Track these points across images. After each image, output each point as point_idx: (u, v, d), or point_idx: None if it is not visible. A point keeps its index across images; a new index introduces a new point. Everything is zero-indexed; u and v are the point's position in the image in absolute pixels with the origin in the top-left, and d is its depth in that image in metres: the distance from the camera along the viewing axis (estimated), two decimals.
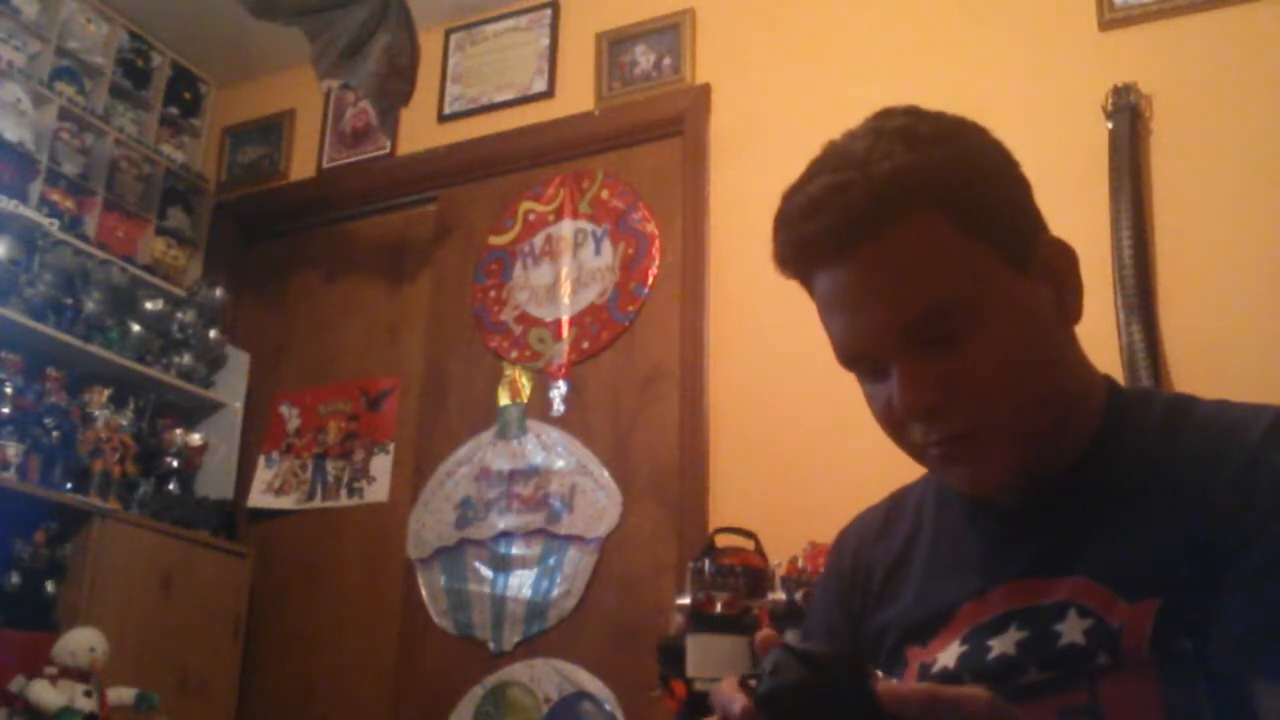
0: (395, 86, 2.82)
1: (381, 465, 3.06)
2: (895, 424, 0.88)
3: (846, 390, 2.64)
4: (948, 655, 0.85)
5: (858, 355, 0.89)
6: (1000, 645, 0.82)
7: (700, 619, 1.97)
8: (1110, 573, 0.78)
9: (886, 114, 0.87)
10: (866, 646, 0.94)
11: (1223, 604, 0.73)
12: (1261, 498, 0.75)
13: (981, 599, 0.85)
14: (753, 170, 2.75)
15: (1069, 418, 0.86)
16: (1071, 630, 0.78)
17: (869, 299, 0.83)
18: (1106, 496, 0.83)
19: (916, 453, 0.90)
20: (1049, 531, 0.85)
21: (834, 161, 0.85)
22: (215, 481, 3.15)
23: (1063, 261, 0.85)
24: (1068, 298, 0.85)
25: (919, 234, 0.80)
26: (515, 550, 2.76)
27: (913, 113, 0.86)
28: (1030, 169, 2.47)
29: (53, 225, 2.90)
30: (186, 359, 3.18)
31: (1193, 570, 0.75)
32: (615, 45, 3.05)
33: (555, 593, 2.68)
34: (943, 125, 0.85)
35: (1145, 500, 0.81)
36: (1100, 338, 2.21)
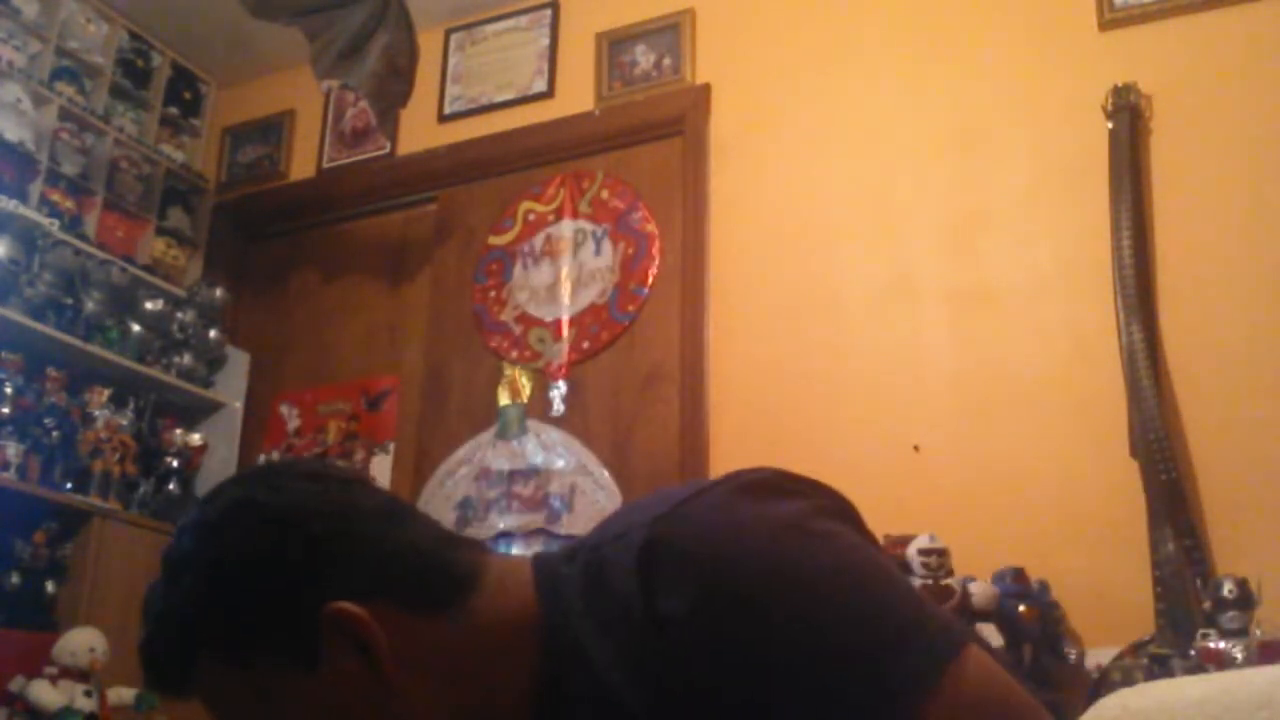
0: (394, 87, 2.82)
1: (381, 465, 3.06)
2: None
3: (846, 391, 2.66)
4: None
5: None
6: None
7: None
8: None
9: (177, 528, 0.83)
10: None
11: None
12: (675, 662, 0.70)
13: None
14: (753, 170, 2.75)
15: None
16: None
17: None
18: None
19: None
20: None
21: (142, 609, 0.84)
22: (215, 481, 3.13)
23: (349, 625, 0.75)
24: (380, 651, 0.75)
25: (207, 681, 0.78)
26: (515, 550, 2.76)
27: (179, 530, 0.82)
28: (1030, 169, 2.47)
29: (53, 225, 2.90)
30: (186, 359, 3.18)
31: None
32: (615, 45, 3.05)
33: None
34: (185, 548, 0.81)
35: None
36: (1100, 338, 2.21)
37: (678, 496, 0.75)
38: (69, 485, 2.72)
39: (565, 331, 2.89)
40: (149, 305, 3.12)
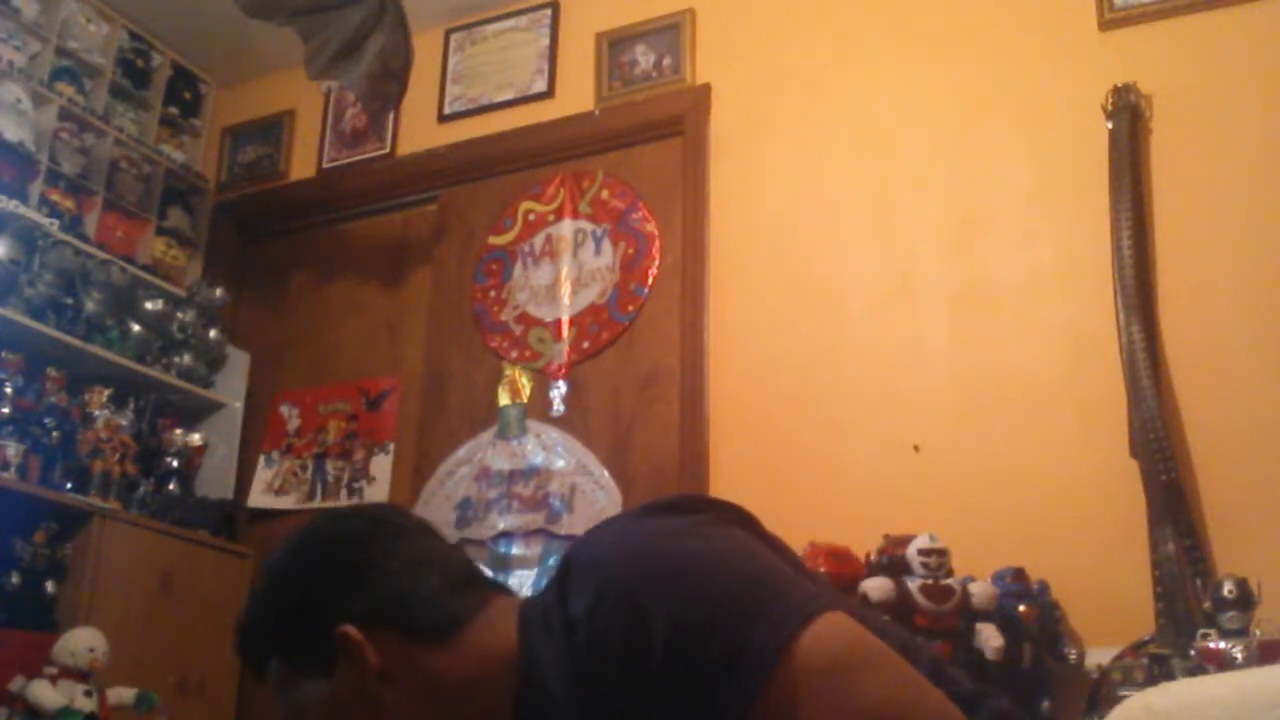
0: (386, 88, 2.82)
1: (381, 465, 3.06)
2: None
3: (845, 391, 2.66)
4: None
5: None
6: None
7: None
8: None
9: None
10: None
11: None
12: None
13: None
14: (753, 170, 2.75)
15: None
16: None
17: None
18: None
19: None
20: None
21: None
22: (215, 481, 3.15)
23: (349, 644, 0.90)
24: (365, 669, 0.90)
25: (270, 673, 0.96)
26: (515, 550, 2.76)
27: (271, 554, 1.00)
28: (1030, 169, 2.47)
29: (53, 225, 2.90)
30: (186, 359, 3.18)
31: None
32: (615, 45, 3.05)
33: None
34: (267, 561, 1.00)
35: None
36: (1100, 338, 2.21)
37: (600, 522, 0.91)
38: (69, 485, 2.72)
39: (565, 331, 2.89)
40: (149, 305, 3.12)
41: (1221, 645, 1.77)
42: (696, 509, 0.87)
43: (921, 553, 2.01)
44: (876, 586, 1.98)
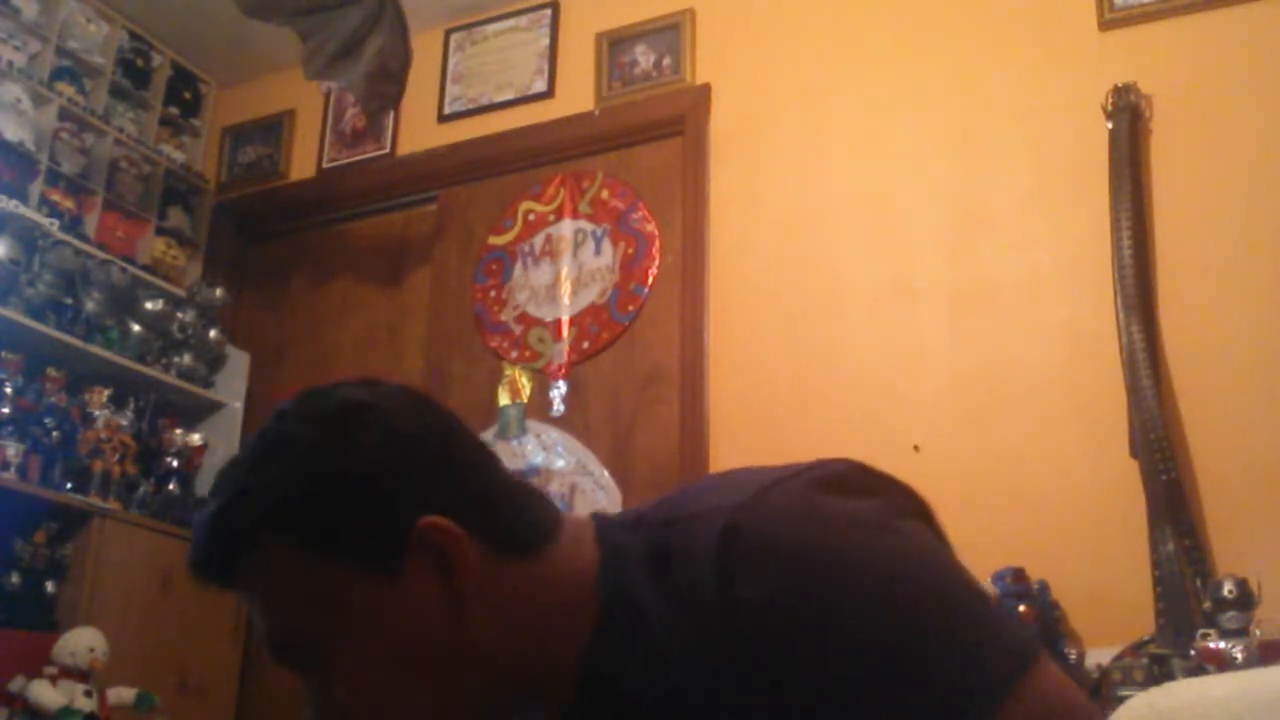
0: (384, 89, 2.82)
1: None
2: None
3: (845, 391, 2.66)
4: None
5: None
6: None
7: None
8: None
9: (278, 413, 0.81)
10: None
11: None
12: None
13: None
14: (753, 170, 2.75)
15: (529, 670, 0.79)
16: None
17: (256, 622, 0.80)
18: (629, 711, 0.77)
19: None
20: None
21: (215, 481, 0.82)
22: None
23: (444, 543, 0.76)
24: (465, 576, 0.76)
25: (266, 565, 0.76)
26: None
27: (282, 414, 0.80)
28: (1030, 169, 2.47)
29: (53, 225, 2.90)
30: (186, 359, 3.18)
31: None
32: (615, 45, 3.05)
33: None
34: (293, 431, 0.78)
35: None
36: (1100, 338, 2.21)
37: (754, 484, 0.75)
38: (69, 485, 2.72)
39: (565, 331, 2.89)
40: (149, 305, 3.12)
41: (1221, 645, 1.77)
42: (873, 488, 0.77)
43: None
44: None
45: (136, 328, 3.08)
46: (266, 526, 0.76)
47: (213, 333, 3.24)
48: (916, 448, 2.35)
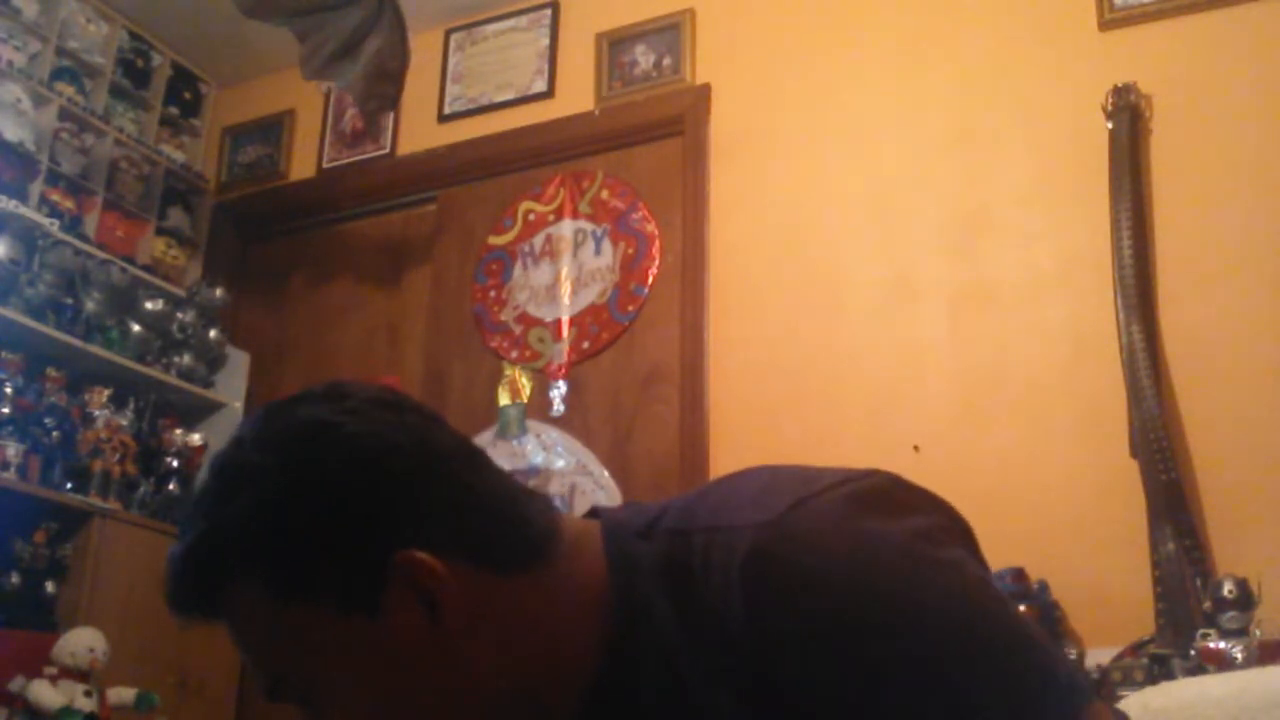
0: (382, 90, 2.82)
1: None
2: None
3: (845, 391, 2.66)
4: None
5: None
6: None
7: None
8: None
9: (236, 439, 0.75)
10: None
11: None
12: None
13: None
14: (753, 170, 2.75)
15: (535, 693, 0.74)
16: None
17: (242, 659, 0.77)
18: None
19: None
20: None
21: (182, 517, 0.77)
22: None
23: (421, 577, 0.70)
24: (450, 611, 0.71)
25: (241, 608, 0.72)
26: None
27: (240, 441, 0.74)
28: (1030, 169, 2.46)
29: (53, 225, 2.90)
30: (186, 359, 3.18)
31: None
32: (615, 45, 3.05)
33: None
34: (251, 461, 0.72)
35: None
36: (1100, 338, 2.21)
37: (781, 496, 0.69)
38: (69, 485, 2.72)
39: (565, 331, 2.89)
40: (149, 305, 3.12)
41: (1221, 645, 1.77)
42: (915, 506, 0.70)
43: None
44: None
45: (136, 328, 3.08)
46: (226, 571, 0.71)
47: (213, 333, 3.24)
48: (916, 448, 2.35)
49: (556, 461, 2.79)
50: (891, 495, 0.70)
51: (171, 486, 3.01)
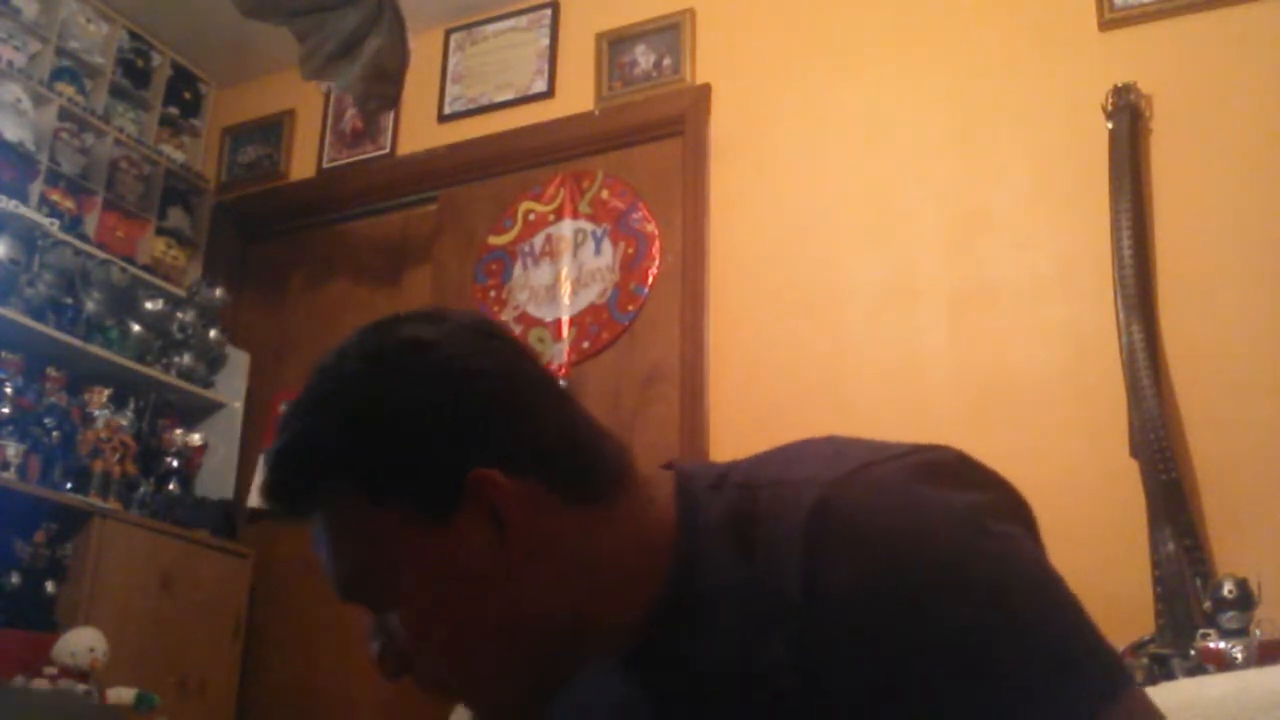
0: (381, 90, 2.82)
1: None
2: None
3: (846, 391, 2.65)
4: None
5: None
6: None
7: None
8: None
9: (339, 350, 0.79)
10: None
11: None
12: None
13: None
14: (753, 170, 2.75)
15: (589, 626, 0.75)
16: None
17: (321, 563, 0.79)
18: (696, 670, 0.74)
19: None
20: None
21: (280, 420, 0.80)
22: (215, 481, 3.15)
23: (493, 496, 0.73)
24: (514, 532, 0.73)
25: (329, 507, 0.76)
26: None
27: (342, 352, 0.78)
28: (1030, 169, 2.46)
29: (53, 225, 2.90)
30: (186, 359, 3.18)
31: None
32: (615, 45, 3.05)
33: None
34: (348, 370, 0.77)
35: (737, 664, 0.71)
36: (1100, 338, 2.21)
37: (850, 460, 0.72)
38: (69, 485, 2.72)
39: (565, 331, 2.89)
40: (149, 305, 3.12)
41: (1221, 645, 1.77)
42: (978, 483, 0.72)
43: None
44: None
45: (136, 328, 3.08)
46: (320, 470, 0.75)
47: (213, 333, 3.25)
48: None
49: None
50: (957, 469, 0.72)
51: (171, 486, 3.01)
